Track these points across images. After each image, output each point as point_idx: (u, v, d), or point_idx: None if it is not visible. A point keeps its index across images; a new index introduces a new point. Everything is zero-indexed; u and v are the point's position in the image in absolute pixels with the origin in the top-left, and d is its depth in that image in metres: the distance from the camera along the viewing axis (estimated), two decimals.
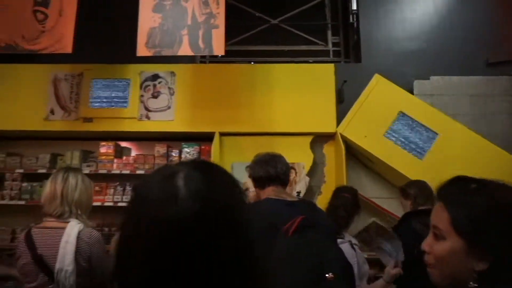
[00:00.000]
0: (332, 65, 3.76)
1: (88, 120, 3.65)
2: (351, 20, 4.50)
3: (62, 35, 2.76)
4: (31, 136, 3.98)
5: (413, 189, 2.42)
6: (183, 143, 3.73)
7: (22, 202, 3.71)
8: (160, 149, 3.71)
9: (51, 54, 2.88)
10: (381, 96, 3.48)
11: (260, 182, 1.85)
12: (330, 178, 3.69)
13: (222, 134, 3.64)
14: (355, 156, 3.73)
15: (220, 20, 2.81)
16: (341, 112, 3.61)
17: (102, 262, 1.86)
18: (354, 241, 2.19)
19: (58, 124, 3.68)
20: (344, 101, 3.81)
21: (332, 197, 2.41)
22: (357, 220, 2.30)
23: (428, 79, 3.81)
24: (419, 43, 4.12)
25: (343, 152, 3.39)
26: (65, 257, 1.70)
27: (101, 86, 3.70)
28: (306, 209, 1.76)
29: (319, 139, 3.72)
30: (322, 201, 3.54)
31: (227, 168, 3.63)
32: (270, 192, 1.81)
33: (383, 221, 3.60)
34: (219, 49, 2.79)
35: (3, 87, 3.76)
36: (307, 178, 3.61)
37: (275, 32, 4.78)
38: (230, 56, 4.11)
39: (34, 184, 3.77)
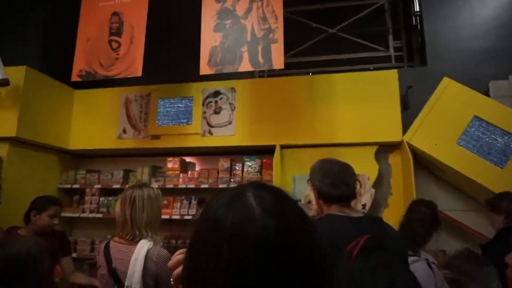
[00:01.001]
0: (395, 70, 3.59)
1: (156, 137, 3.87)
2: (414, 23, 4.29)
3: (133, 60, 2.98)
4: (107, 154, 4.33)
5: (504, 202, 2.18)
6: (244, 157, 3.78)
7: (100, 215, 4.00)
8: (223, 163, 3.79)
9: (123, 78, 3.11)
10: (452, 100, 3.24)
11: (329, 199, 1.69)
12: (397, 190, 3.49)
13: (283, 147, 3.64)
14: (424, 166, 3.50)
15: (279, 34, 2.84)
16: (407, 119, 3.42)
17: (168, 281, 1.92)
18: (431, 259, 2.01)
19: (130, 142, 3.95)
20: (409, 107, 3.61)
21: (408, 211, 2.24)
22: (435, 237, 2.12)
23: (507, 79, 3.47)
24: (492, 41, 3.79)
25: (411, 161, 3.19)
26: (134, 274, 1.78)
27: (167, 105, 3.91)
28: (372, 226, 1.60)
29: (383, 149, 3.55)
30: (388, 215, 3.36)
31: (289, 180, 3.64)
32: (334, 207, 1.68)
33: (461, 236, 3.34)
34: (278, 63, 2.81)
35: (83, 110, 4.15)
36: (373, 190, 3.45)
37: (333, 42, 4.72)
38: (288, 68, 4.12)
39: (110, 198, 4.06)
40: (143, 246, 1.85)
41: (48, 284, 2.41)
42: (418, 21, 4.21)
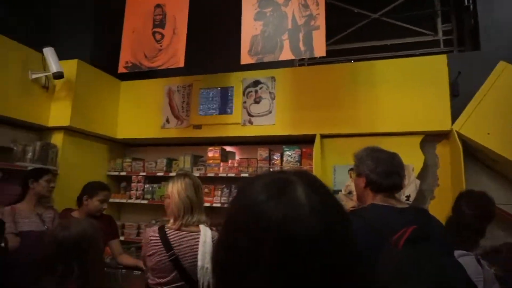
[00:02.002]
0: (444, 56, 3.39)
1: (198, 127, 3.96)
2: (465, 3, 4.01)
3: (176, 51, 3.05)
4: (151, 143, 4.50)
5: None
6: (284, 146, 3.77)
7: (145, 202, 4.19)
8: (262, 152, 3.81)
9: (166, 69, 3.20)
10: (508, 86, 3.02)
11: (379, 188, 1.61)
12: (444, 181, 3.33)
13: (323, 136, 3.58)
14: (475, 156, 3.30)
15: (320, 21, 2.77)
16: (456, 107, 3.22)
17: None
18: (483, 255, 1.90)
19: (173, 131, 4.08)
20: (459, 94, 3.40)
21: (456, 204, 2.13)
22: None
23: None
24: None
25: (461, 152, 3.02)
26: (205, 255, 1.88)
27: (208, 95, 3.98)
28: (418, 217, 1.54)
29: (430, 138, 3.39)
30: (435, 206, 3.22)
31: (329, 170, 3.58)
32: (379, 197, 1.61)
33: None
34: (320, 50, 2.75)
35: (129, 101, 4.33)
36: (418, 181, 3.32)
37: (376, 27, 4.53)
38: (330, 56, 4.03)
39: (154, 185, 4.23)
40: (206, 230, 1.95)
41: (102, 262, 2.58)
42: (470, 2, 3.94)
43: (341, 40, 4.53)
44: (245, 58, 2.92)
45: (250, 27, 2.95)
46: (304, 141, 3.74)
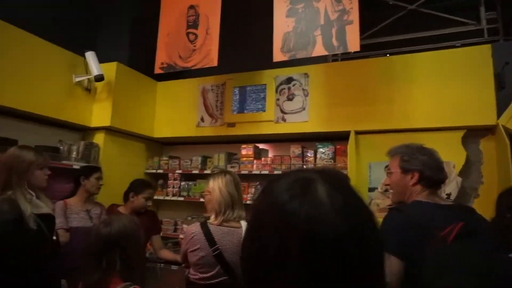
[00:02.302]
0: (488, 45, 3.20)
1: (232, 125, 4.01)
2: None
3: (209, 50, 3.10)
4: (186, 142, 4.62)
5: None
6: (317, 143, 3.74)
7: (181, 198, 4.31)
8: (295, 149, 3.80)
9: (200, 68, 3.26)
10: None
11: (430, 184, 1.60)
12: (490, 179, 3.15)
13: (358, 133, 3.51)
14: None
15: (354, 15, 2.71)
16: (503, 100, 3.04)
17: None
18: None
19: (207, 130, 4.15)
20: (505, 86, 3.21)
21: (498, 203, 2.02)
22: None
23: None
24: None
25: (508, 147, 2.84)
26: None
27: (241, 93, 4.02)
28: (463, 214, 1.51)
29: (473, 133, 3.22)
30: (480, 205, 3.06)
31: (364, 167, 3.50)
32: (423, 194, 1.58)
33: None
34: (354, 45, 2.70)
35: (165, 101, 4.46)
36: (459, 179, 3.18)
37: (413, 19, 4.35)
38: (364, 51, 3.91)
39: (190, 183, 4.34)
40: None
41: (143, 256, 2.70)
42: None
43: (376, 33, 4.40)
44: (278, 56, 2.92)
45: (282, 24, 2.94)
46: (338, 138, 3.68)
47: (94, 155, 3.79)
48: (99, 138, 3.92)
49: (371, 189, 3.46)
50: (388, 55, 4.16)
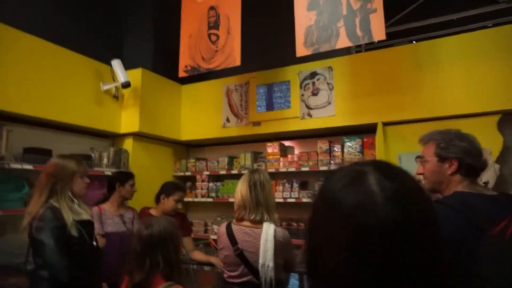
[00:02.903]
0: None
1: (257, 124, 4.00)
2: None
3: (231, 50, 3.11)
4: (212, 143, 4.65)
5: None
6: (344, 138, 3.67)
7: (210, 200, 4.34)
8: (322, 145, 3.74)
9: (223, 69, 3.27)
10: None
11: (471, 172, 1.49)
12: None
13: (386, 124, 3.42)
14: None
15: (377, 3, 2.64)
16: None
17: (293, 259, 2.02)
18: None
19: (233, 130, 4.17)
20: None
21: None
22: None
23: None
24: None
25: None
26: (267, 253, 1.90)
27: (265, 91, 4.00)
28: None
29: (509, 118, 3.07)
30: None
31: (393, 159, 3.41)
32: (464, 184, 1.47)
33: None
34: (378, 34, 2.62)
35: (189, 103, 4.51)
36: (497, 166, 3.03)
37: (439, 2, 4.19)
38: (389, 39, 3.81)
39: (217, 183, 4.36)
40: (269, 227, 1.96)
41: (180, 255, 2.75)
42: None
43: (400, 20, 4.27)
44: (301, 50, 2.88)
45: (304, 18, 2.91)
46: (365, 131, 3.60)
47: (123, 160, 3.88)
48: (128, 144, 4.01)
49: None
50: (414, 41, 4.02)
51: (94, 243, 2.27)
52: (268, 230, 1.95)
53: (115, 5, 4.60)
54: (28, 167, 3.00)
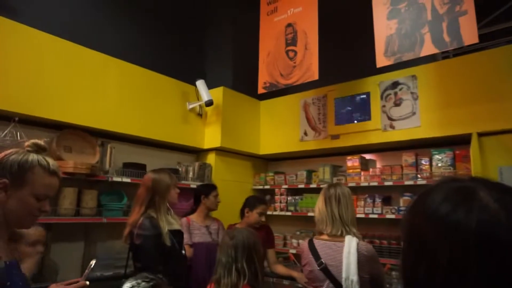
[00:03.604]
0: None
1: (335, 137, 3.93)
2: None
3: (310, 65, 3.13)
4: (290, 157, 4.68)
5: None
6: (432, 150, 3.41)
7: (289, 213, 4.34)
8: (407, 158, 3.52)
9: (301, 84, 3.31)
10: None
11: None
12: None
13: (481, 135, 3.09)
14: None
15: (468, 4, 2.44)
16: None
17: (380, 274, 1.93)
18: None
19: (311, 144, 4.15)
20: None
21: None
22: None
23: None
24: None
25: None
26: (349, 266, 1.85)
27: (343, 104, 3.92)
28: None
29: None
30: None
31: (492, 173, 3.06)
32: None
33: None
34: (470, 37, 2.41)
35: (268, 118, 4.63)
36: None
37: None
38: (481, 42, 3.48)
39: (296, 197, 4.36)
40: (351, 240, 1.92)
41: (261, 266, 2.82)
42: None
43: (496, 19, 3.86)
44: (381, 61, 2.79)
45: (384, 27, 2.81)
46: (456, 142, 3.31)
47: (207, 174, 4.12)
48: (210, 159, 4.25)
49: None
50: None
51: (183, 251, 2.43)
52: (351, 243, 1.91)
53: (196, 28, 4.98)
54: (127, 180, 3.35)
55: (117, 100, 3.43)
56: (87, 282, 1.48)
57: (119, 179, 3.33)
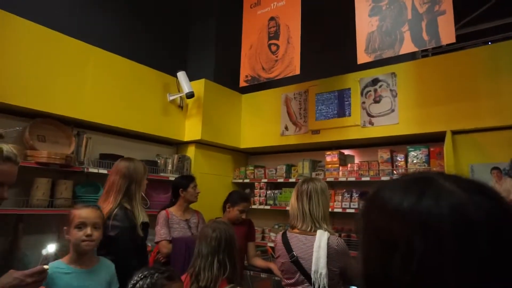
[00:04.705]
0: None
1: (316, 132, 3.96)
2: None
3: (291, 60, 3.14)
4: (271, 151, 4.70)
5: None
6: (408, 146, 3.49)
7: (268, 207, 4.36)
8: (383, 154, 3.59)
9: (282, 78, 3.31)
10: None
11: None
12: None
13: (455, 132, 3.19)
14: None
15: (446, 4, 2.50)
16: None
17: (350, 269, 1.96)
18: None
19: (291, 138, 4.17)
20: None
21: None
22: None
23: None
24: None
25: None
26: (319, 260, 1.88)
27: (324, 99, 3.96)
28: None
29: None
30: None
31: (465, 170, 3.16)
32: None
33: None
34: (447, 37, 2.47)
35: (249, 112, 4.61)
36: None
37: None
38: (459, 42, 3.57)
39: (275, 191, 4.39)
40: (322, 234, 1.94)
41: (241, 261, 2.83)
42: None
43: (473, 20, 3.96)
44: (362, 57, 2.82)
45: (365, 24, 2.84)
46: (431, 140, 3.40)
47: (186, 167, 4.08)
48: (190, 151, 4.21)
49: None
50: (489, 43, 3.72)
51: (148, 244, 2.40)
52: (322, 237, 1.93)
53: (179, 19, 4.89)
54: (103, 171, 3.28)
55: (95, 89, 3.33)
56: (45, 267, 1.44)
57: (95, 171, 3.25)
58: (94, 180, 3.34)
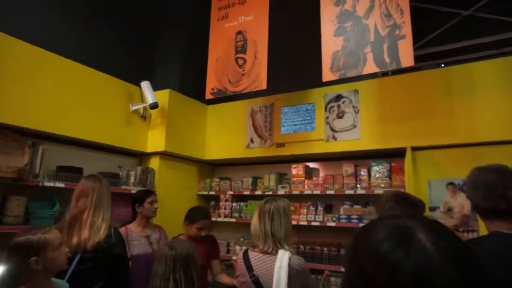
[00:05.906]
0: None
1: (281, 145, 3.99)
2: None
3: (258, 74, 3.15)
4: (236, 163, 4.67)
5: None
6: (371, 161, 3.60)
7: (233, 220, 4.32)
8: (348, 168, 3.68)
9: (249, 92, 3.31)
10: None
11: (484, 214, 1.45)
12: None
13: (415, 149, 3.33)
14: None
15: (406, 29, 2.62)
16: None
17: (310, 286, 1.98)
18: None
19: (257, 151, 4.18)
20: None
21: None
22: None
23: None
24: None
25: None
26: (280, 281, 1.87)
27: (290, 113, 4.01)
28: None
29: None
30: None
31: (423, 186, 3.31)
32: (498, 224, 1.39)
33: None
34: (407, 60, 2.59)
35: (215, 124, 4.57)
36: None
37: (469, 25, 4.11)
38: (417, 62, 3.74)
39: (241, 204, 4.35)
40: (284, 254, 1.94)
41: (203, 278, 2.78)
42: None
43: (428, 43, 4.20)
44: (327, 75, 2.89)
45: (331, 43, 2.92)
46: (393, 155, 3.53)
47: (150, 179, 3.96)
48: (154, 163, 4.09)
49: (432, 209, 3.26)
50: (443, 65, 3.94)
51: None
52: (283, 257, 1.93)
53: (145, 28, 4.78)
54: (60, 185, 3.10)
55: (52, 97, 3.16)
56: None
57: (51, 184, 3.06)
58: (50, 195, 3.15)
